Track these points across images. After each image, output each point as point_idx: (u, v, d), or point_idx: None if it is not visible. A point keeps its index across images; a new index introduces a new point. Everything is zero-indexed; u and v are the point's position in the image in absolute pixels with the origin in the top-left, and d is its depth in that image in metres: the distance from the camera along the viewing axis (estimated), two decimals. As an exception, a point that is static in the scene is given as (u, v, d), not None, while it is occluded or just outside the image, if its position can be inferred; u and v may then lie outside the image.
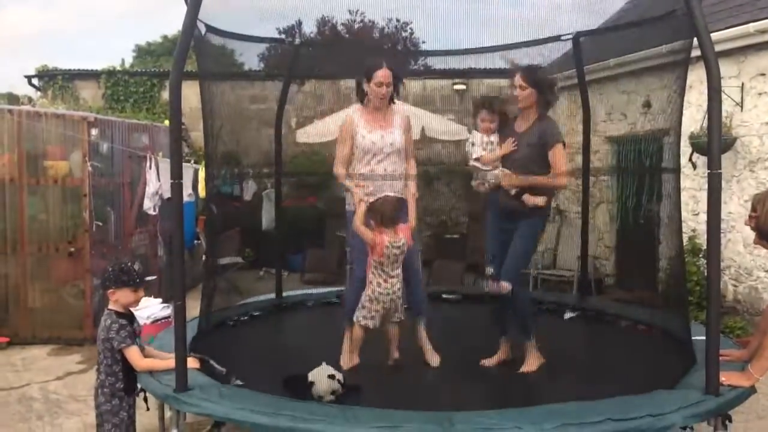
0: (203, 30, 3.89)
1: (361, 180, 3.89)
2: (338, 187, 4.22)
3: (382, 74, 3.89)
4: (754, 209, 3.37)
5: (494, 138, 4.05)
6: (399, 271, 3.84)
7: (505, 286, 3.84)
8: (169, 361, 3.28)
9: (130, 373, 3.43)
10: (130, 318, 3.51)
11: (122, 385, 3.42)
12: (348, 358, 3.95)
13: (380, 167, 3.94)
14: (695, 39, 3.03)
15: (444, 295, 5.80)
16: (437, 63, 9.97)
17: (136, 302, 3.53)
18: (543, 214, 4.05)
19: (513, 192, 3.93)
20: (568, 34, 5.03)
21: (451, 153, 10.82)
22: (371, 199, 3.83)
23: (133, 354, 3.37)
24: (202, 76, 4.07)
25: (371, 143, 3.95)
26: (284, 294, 5.53)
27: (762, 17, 6.37)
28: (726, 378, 3.17)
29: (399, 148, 4.00)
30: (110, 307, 3.50)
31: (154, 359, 3.46)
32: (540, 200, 3.90)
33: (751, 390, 3.30)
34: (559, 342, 4.50)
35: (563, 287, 8.21)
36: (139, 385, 3.45)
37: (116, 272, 3.48)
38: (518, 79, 3.89)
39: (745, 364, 3.39)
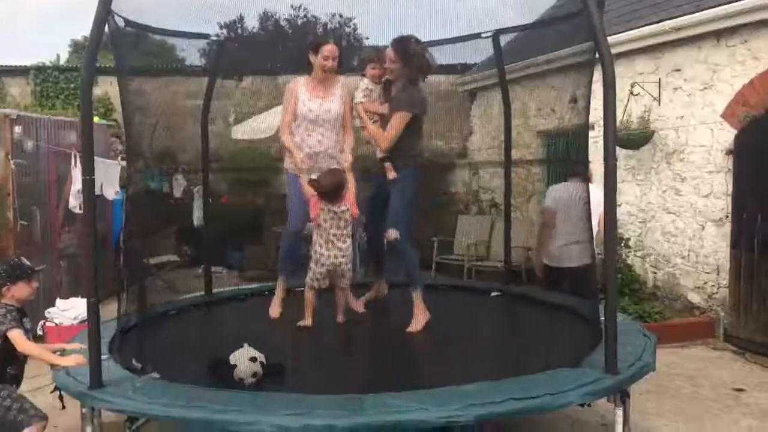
0: (122, 24, 3.86)
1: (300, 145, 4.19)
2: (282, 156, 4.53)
3: (329, 49, 4.23)
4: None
5: (376, 88, 4.41)
6: (344, 237, 4.06)
7: (392, 232, 4.20)
8: (53, 357, 3.47)
9: (7, 363, 3.56)
10: (21, 312, 3.65)
11: None
12: (276, 310, 4.38)
13: (316, 133, 4.24)
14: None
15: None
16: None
17: (33, 293, 3.70)
18: (406, 169, 4.31)
19: (378, 156, 4.34)
20: (488, 31, 5.16)
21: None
22: (309, 166, 4.11)
23: (16, 335, 3.49)
24: (121, 72, 4.04)
25: (308, 110, 4.24)
26: (214, 290, 5.52)
27: (677, 15, 6.68)
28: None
29: (336, 116, 4.29)
30: (3, 301, 3.64)
31: (41, 346, 3.54)
32: (391, 174, 4.27)
33: (650, 367, 3.50)
34: (480, 323, 4.69)
35: (497, 277, 8.42)
36: (53, 384, 3.45)
37: (8, 269, 3.68)
38: (389, 53, 4.27)
39: None
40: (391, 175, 4.28)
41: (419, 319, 4.21)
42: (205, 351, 3.72)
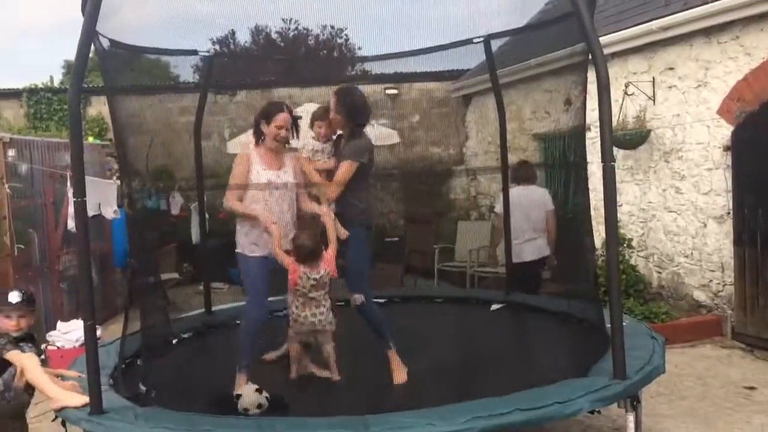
0: (107, 44, 3.83)
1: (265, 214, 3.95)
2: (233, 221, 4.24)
3: (282, 118, 3.99)
4: None
5: (324, 147, 4.33)
6: (324, 299, 3.87)
7: (358, 298, 4.09)
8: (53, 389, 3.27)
9: None
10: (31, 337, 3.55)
11: None
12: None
13: (277, 205, 4.01)
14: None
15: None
16: (369, 68, 10.04)
17: (14, 329, 3.49)
18: (359, 225, 4.21)
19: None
20: (479, 37, 5.13)
21: (385, 157, 10.90)
22: (278, 228, 3.87)
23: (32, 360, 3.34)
24: (110, 91, 4.00)
25: (267, 181, 3.99)
26: (215, 308, 5.49)
27: (667, 13, 6.66)
28: None
29: (292, 187, 4.09)
30: None
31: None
32: (342, 233, 4.11)
33: (659, 370, 3.45)
34: (484, 335, 4.63)
35: (499, 283, 8.37)
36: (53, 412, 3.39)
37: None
38: (331, 103, 4.21)
39: None
40: (342, 234, 4.13)
41: (399, 374, 4.06)
42: (207, 378, 3.69)
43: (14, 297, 3.46)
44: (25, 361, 3.32)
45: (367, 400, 3.52)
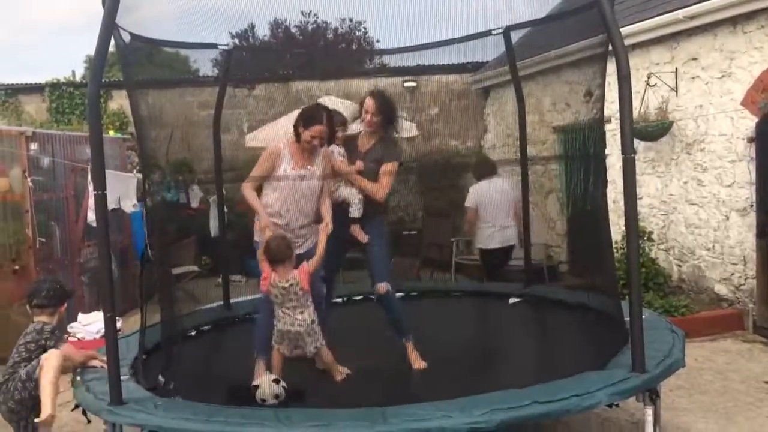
0: (128, 38, 3.85)
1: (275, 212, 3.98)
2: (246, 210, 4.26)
3: (318, 129, 3.98)
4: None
5: (339, 150, 4.29)
6: (300, 307, 3.77)
7: (382, 287, 4.15)
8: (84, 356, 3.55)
9: None
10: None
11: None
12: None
13: (295, 206, 4.01)
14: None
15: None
16: (388, 61, 10.02)
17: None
18: (380, 215, 4.36)
19: (352, 215, 4.22)
20: (498, 28, 5.09)
21: (404, 150, 10.89)
22: (274, 232, 3.88)
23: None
24: (130, 85, 4.03)
25: (292, 181, 3.99)
26: (234, 300, 5.52)
27: (691, 2, 6.54)
28: None
29: (315, 190, 4.08)
30: (45, 320, 3.79)
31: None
32: (362, 238, 4.18)
33: (679, 364, 3.41)
34: (503, 328, 4.61)
35: (519, 276, 8.32)
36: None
37: (61, 289, 3.91)
38: (369, 106, 4.21)
39: None
40: (363, 238, 4.20)
41: (418, 365, 4.11)
42: (225, 369, 3.71)
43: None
44: (49, 360, 3.45)
45: (384, 392, 3.52)
